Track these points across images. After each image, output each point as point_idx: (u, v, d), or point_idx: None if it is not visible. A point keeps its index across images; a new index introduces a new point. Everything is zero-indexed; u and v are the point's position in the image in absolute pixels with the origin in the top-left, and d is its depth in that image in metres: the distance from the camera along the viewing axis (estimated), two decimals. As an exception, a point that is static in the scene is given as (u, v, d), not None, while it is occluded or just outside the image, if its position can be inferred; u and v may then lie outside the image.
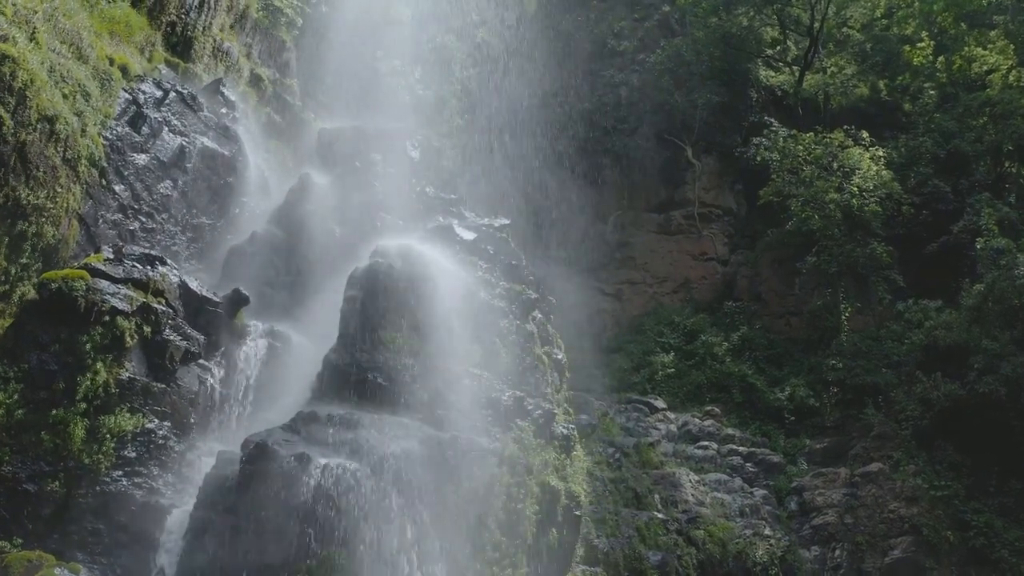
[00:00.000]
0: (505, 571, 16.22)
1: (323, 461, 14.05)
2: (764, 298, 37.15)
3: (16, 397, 15.00)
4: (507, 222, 22.42)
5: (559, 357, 21.18)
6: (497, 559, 16.11)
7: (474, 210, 23.50)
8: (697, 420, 30.49)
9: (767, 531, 25.10)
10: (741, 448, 29.10)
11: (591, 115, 41.71)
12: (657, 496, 25.39)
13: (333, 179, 22.79)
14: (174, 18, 23.73)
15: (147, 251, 17.82)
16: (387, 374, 16.34)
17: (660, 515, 24.30)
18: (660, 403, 31.24)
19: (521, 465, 17.38)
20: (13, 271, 16.59)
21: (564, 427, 19.67)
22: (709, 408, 31.45)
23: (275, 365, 18.76)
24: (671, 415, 30.67)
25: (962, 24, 40.98)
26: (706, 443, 29.04)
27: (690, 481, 26.44)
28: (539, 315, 20.83)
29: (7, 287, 16.49)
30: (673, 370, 33.74)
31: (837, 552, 24.87)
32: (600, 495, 24.16)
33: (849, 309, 33.00)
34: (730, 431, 30.02)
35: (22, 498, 14.54)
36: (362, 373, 16.23)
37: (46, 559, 13.85)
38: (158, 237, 20.21)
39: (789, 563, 24.33)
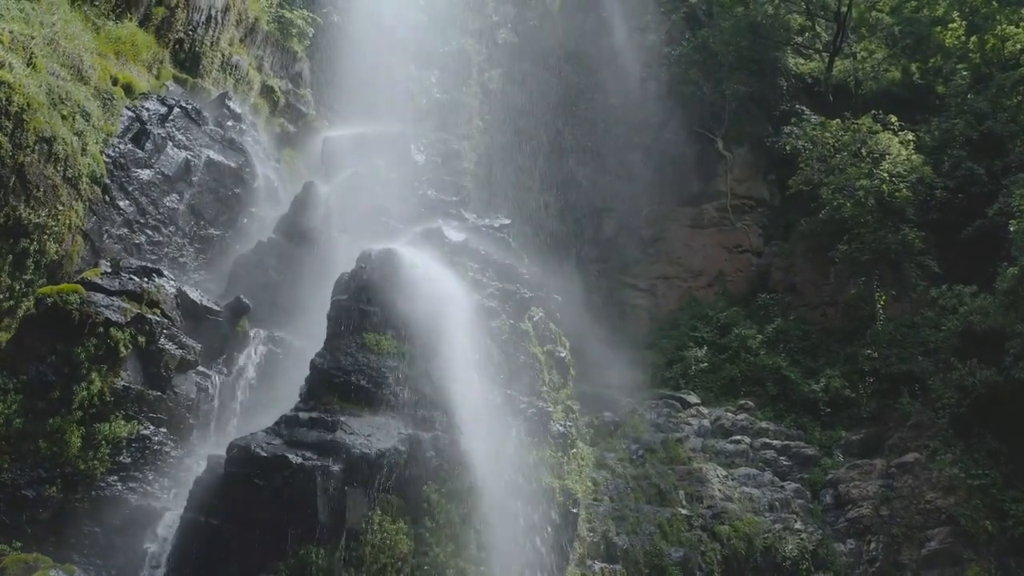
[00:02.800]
0: (494, 569, 16.23)
1: (298, 462, 14.29)
2: (799, 289, 36.44)
3: (15, 407, 15.59)
4: (507, 222, 22.41)
5: (562, 355, 21.10)
6: (483, 558, 16.14)
7: (476, 211, 23.58)
8: (730, 414, 30.07)
9: (798, 525, 24.67)
10: (775, 442, 28.61)
11: (619, 110, 41.41)
12: (682, 492, 25.09)
13: (336, 186, 23.08)
14: (181, 35, 24.29)
15: (145, 264, 18.38)
16: (370, 376, 16.52)
17: (684, 511, 24.03)
18: (693, 398, 30.85)
19: (511, 464, 17.39)
20: (17, 287, 17.29)
21: (561, 425, 19.60)
22: (743, 402, 31.01)
23: (275, 370, 19.18)
24: (704, 410, 30.28)
25: (993, 3, 39.67)
26: (739, 437, 28.63)
27: (718, 476, 26.08)
28: (540, 314, 20.78)
29: (11, 303, 17.18)
30: (706, 364, 33.36)
31: (873, 545, 24.38)
32: (621, 492, 24.00)
33: (884, 297, 32.22)
34: (764, 425, 29.57)
35: (21, 503, 15.09)
36: (345, 376, 16.44)
37: (43, 561, 14.36)
38: (165, 249, 20.80)
39: (821, 557, 23.86)
